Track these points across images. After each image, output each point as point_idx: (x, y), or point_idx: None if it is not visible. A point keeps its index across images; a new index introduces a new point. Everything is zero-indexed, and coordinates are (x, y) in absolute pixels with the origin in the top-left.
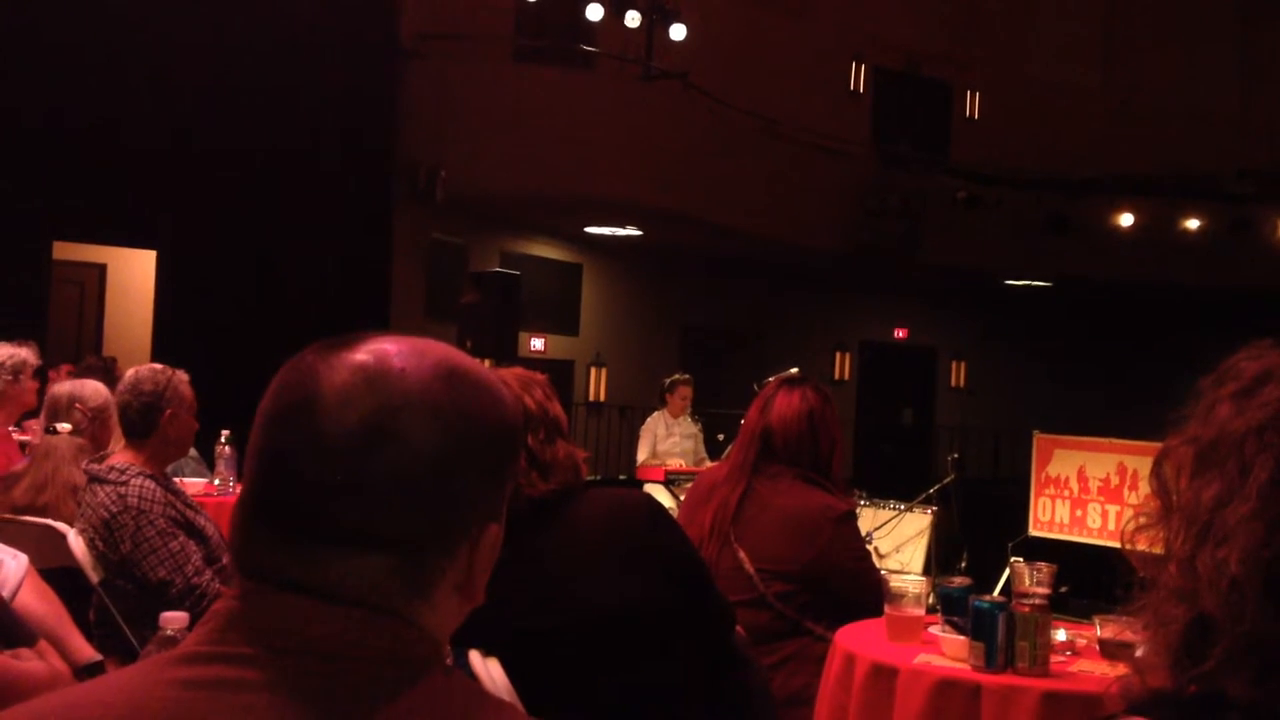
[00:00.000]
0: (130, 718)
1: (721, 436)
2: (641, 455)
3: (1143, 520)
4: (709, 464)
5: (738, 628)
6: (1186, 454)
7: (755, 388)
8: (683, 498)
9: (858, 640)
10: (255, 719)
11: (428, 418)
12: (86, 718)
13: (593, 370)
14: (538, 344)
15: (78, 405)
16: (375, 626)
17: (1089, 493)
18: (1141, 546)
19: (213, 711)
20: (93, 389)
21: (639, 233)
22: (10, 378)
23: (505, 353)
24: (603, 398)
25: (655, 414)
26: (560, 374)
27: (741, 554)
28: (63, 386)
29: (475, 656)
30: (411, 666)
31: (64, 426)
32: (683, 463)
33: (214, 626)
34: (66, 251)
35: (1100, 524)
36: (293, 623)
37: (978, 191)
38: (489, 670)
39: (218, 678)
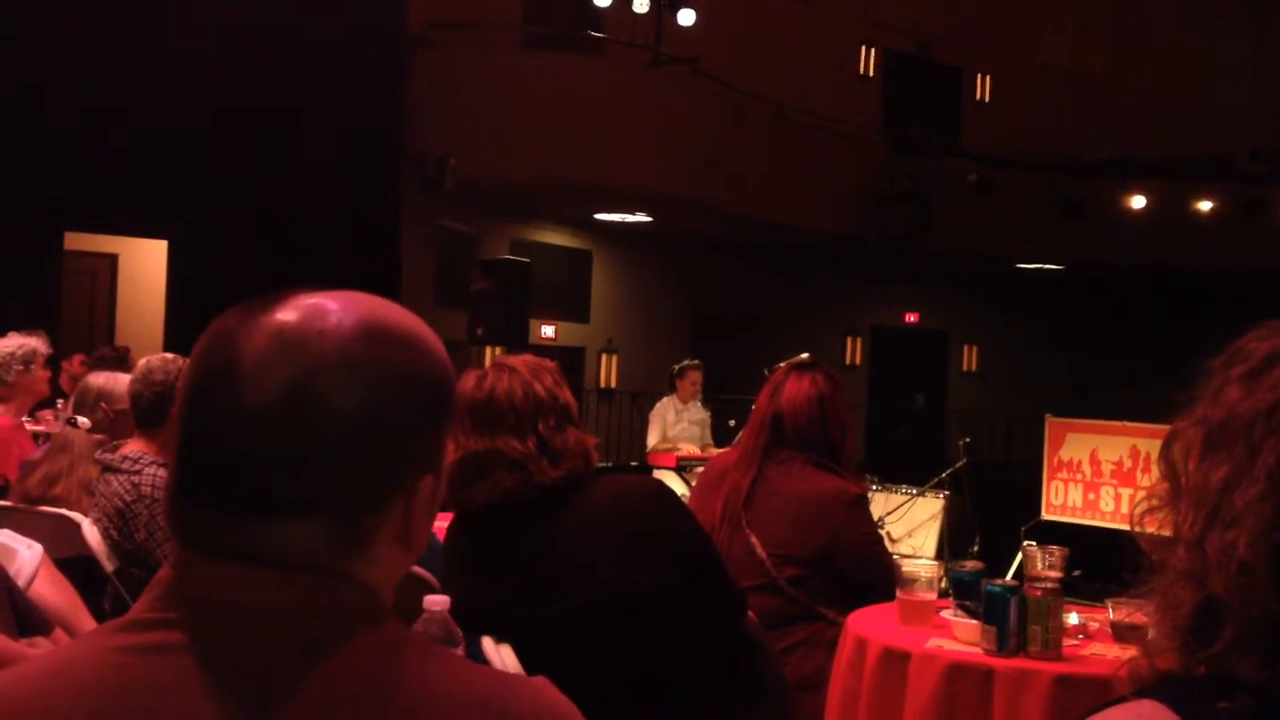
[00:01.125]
0: (70, 686)
1: (733, 422)
2: (651, 440)
3: (1152, 502)
4: (715, 450)
5: (749, 613)
6: (1195, 436)
7: (766, 373)
8: (694, 483)
9: (870, 625)
10: (192, 681)
11: (346, 378)
12: (26, 692)
13: (603, 357)
14: (548, 331)
15: (103, 404)
16: (308, 586)
17: (1101, 476)
18: (1151, 529)
19: (144, 675)
20: (124, 388)
21: (649, 219)
22: (21, 367)
23: (516, 340)
24: (613, 384)
25: (665, 399)
26: (571, 361)
27: (753, 539)
28: (96, 379)
29: (488, 643)
30: (346, 622)
31: (84, 421)
32: (692, 449)
33: (155, 595)
34: (78, 242)
35: (1113, 507)
36: (228, 588)
37: (989, 175)
38: (501, 656)
39: (150, 643)
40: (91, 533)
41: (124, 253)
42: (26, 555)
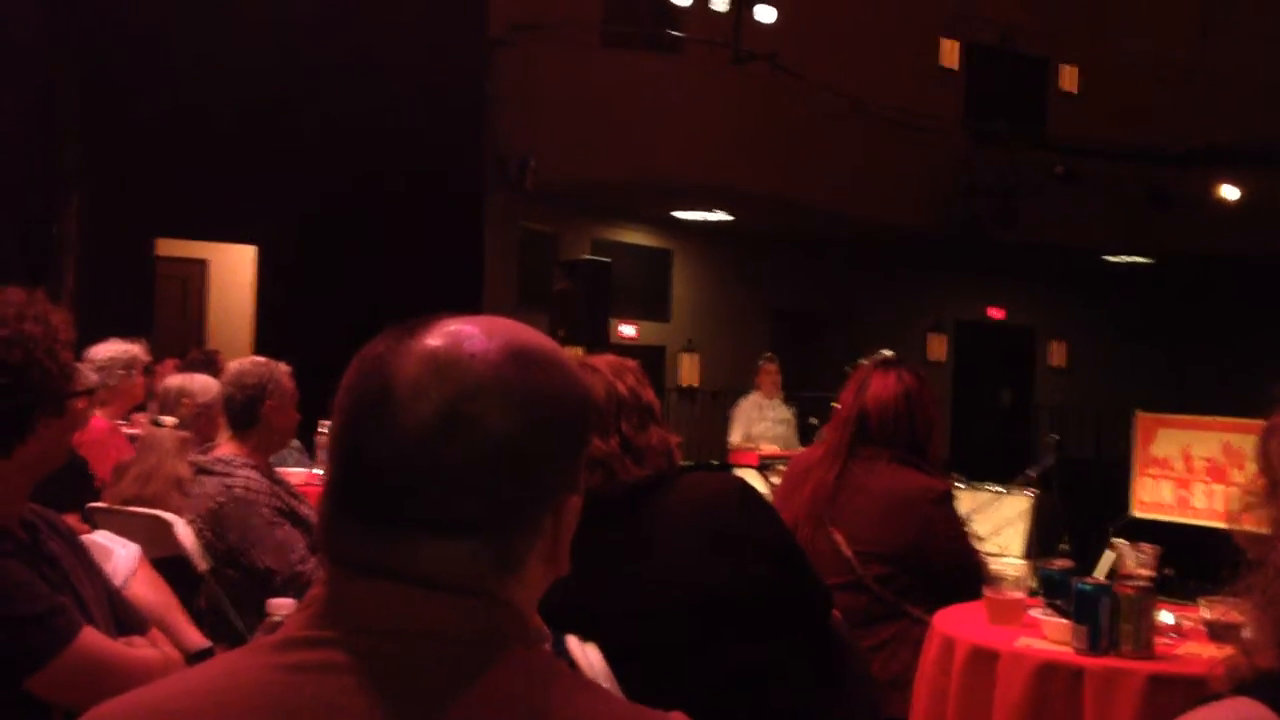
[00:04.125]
0: (239, 702)
1: (814, 420)
2: (735, 438)
3: (1250, 499)
4: (801, 449)
5: (834, 611)
6: None
7: (848, 370)
8: (776, 482)
9: (957, 623)
10: (353, 701)
11: (501, 402)
12: (196, 705)
13: (684, 356)
14: (629, 330)
15: (185, 400)
16: (464, 608)
17: (1194, 473)
18: (1248, 525)
19: (310, 694)
20: (202, 384)
21: (729, 216)
22: (124, 372)
23: (597, 340)
24: (695, 383)
25: (748, 397)
26: (652, 360)
27: (838, 537)
28: (174, 379)
29: (573, 641)
30: (496, 646)
31: (169, 420)
32: (776, 447)
33: (313, 613)
34: (169, 248)
35: (1206, 505)
36: (385, 608)
37: (1076, 166)
38: (587, 655)
39: (314, 662)
40: (185, 533)
41: (214, 258)
42: (123, 555)
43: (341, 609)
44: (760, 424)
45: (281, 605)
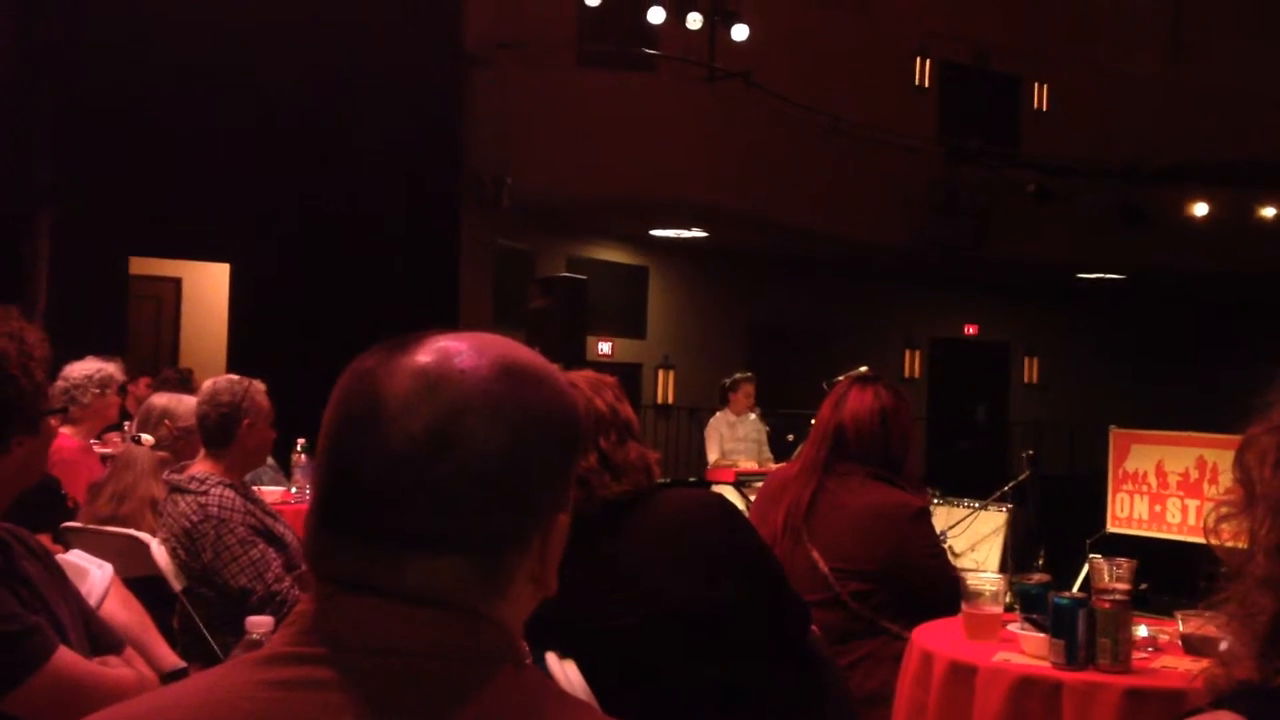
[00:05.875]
0: (223, 717)
1: (791, 437)
2: (712, 456)
3: (1226, 510)
4: (773, 464)
5: (813, 627)
6: (1270, 442)
7: (825, 386)
8: (753, 498)
9: (935, 639)
10: (339, 718)
11: (491, 419)
12: (180, 718)
13: (660, 373)
14: (605, 348)
15: (167, 421)
16: (450, 625)
17: (1168, 488)
18: (1225, 536)
19: (297, 710)
20: (188, 408)
21: (704, 234)
22: (98, 391)
23: (573, 357)
24: (671, 400)
25: (718, 414)
26: (628, 377)
27: (815, 553)
28: (159, 399)
29: (552, 658)
30: (486, 664)
31: (147, 439)
32: (750, 463)
33: (298, 629)
34: (143, 266)
35: (1180, 519)
36: (371, 625)
37: (1048, 184)
38: (565, 672)
39: (301, 678)
40: (160, 552)
41: (187, 276)
42: (98, 575)
43: (328, 625)
44: (732, 439)
45: (261, 623)
